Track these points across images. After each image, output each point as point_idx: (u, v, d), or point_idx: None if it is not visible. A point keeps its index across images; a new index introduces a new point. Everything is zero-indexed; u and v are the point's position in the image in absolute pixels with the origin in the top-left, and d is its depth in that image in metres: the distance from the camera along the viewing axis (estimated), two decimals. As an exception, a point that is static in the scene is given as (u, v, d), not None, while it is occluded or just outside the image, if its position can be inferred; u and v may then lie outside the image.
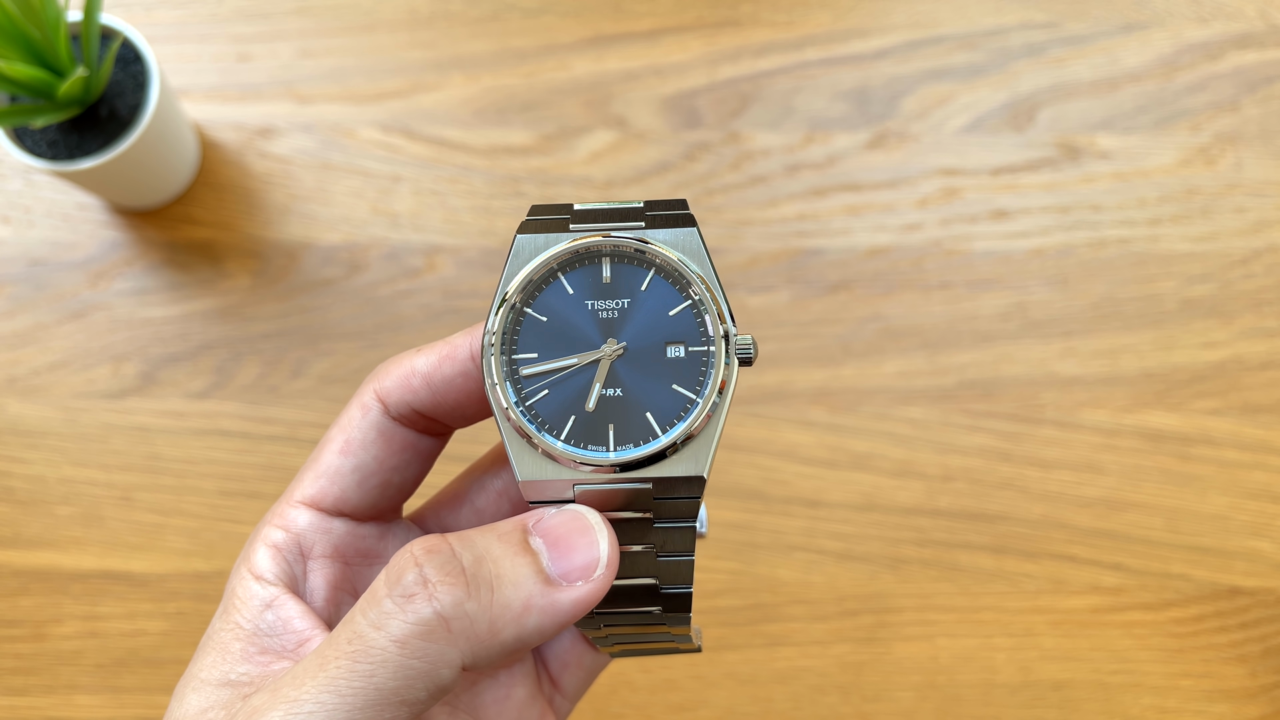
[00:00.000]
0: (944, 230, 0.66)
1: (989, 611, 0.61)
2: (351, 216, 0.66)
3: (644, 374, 0.30)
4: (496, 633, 0.27)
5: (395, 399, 0.32)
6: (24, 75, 0.55)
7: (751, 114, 0.67)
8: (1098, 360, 0.64)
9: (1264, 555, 0.62)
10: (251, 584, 0.31)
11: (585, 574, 0.28)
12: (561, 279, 0.31)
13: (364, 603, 0.27)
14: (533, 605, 0.28)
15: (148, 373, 0.64)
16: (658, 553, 0.31)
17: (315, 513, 0.32)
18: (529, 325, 0.31)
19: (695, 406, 0.30)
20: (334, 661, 0.26)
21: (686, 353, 0.31)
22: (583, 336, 0.31)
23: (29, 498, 0.62)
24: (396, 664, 0.26)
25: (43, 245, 0.65)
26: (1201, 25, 0.69)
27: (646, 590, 0.32)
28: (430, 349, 0.32)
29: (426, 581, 0.27)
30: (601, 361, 0.31)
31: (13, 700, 0.60)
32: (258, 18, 0.68)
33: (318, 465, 0.33)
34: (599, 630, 0.34)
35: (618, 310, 0.31)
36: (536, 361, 0.31)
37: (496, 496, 0.36)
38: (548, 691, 0.36)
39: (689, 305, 0.31)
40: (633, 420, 0.30)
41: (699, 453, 0.30)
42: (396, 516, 0.35)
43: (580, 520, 0.29)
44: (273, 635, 0.30)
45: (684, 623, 0.33)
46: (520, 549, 0.28)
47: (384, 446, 0.32)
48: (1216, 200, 0.66)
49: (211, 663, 0.30)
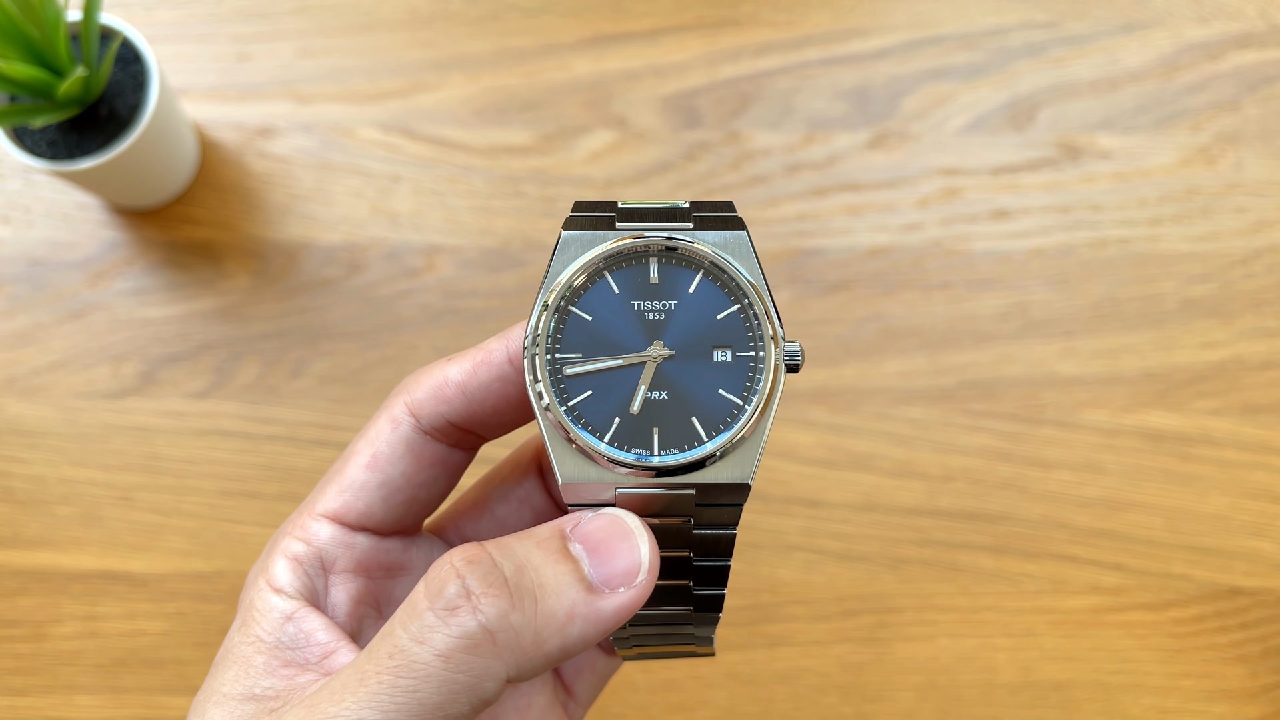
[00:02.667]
0: (944, 230, 0.66)
1: (989, 611, 0.61)
2: (351, 216, 0.66)
3: (690, 378, 0.30)
4: (541, 644, 0.26)
5: (428, 411, 0.31)
6: (24, 75, 0.55)
7: (751, 114, 0.67)
8: (1098, 360, 0.64)
9: (1264, 555, 0.62)
10: (270, 596, 0.30)
11: (627, 580, 0.28)
12: (608, 278, 0.30)
13: (404, 615, 0.26)
14: (576, 614, 0.27)
15: (147, 373, 0.64)
16: (695, 557, 0.31)
17: (338, 527, 0.32)
18: (573, 324, 0.30)
19: (743, 414, 0.30)
20: (375, 676, 0.26)
21: (734, 357, 0.30)
22: (628, 338, 0.30)
23: (29, 498, 0.62)
24: (441, 679, 0.25)
25: (42, 245, 0.65)
26: (1202, 25, 0.69)
27: (680, 590, 0.31)
28: (462, 356, 0.31)
29: (470, 594, 0.26)
30: (647, 364, 0.30)
31: (12, 700, 0.60)
32: (257, 17, 0.68)
33: (342, 478, 0.32)
34: (623, 630, 0.33)
35: (664, 312, 0.30)
36: (580, 361, 0.30)
37: (518, 505, 0.35)
38: (562, 698, 0.36)
39: (737, 309, 0.30)
40: (678, 424, 0.30)
41: (745, 459, 0.30)
42: (419, 530, 0.34)
43: (620, 524, 0.29)
44: (295, 648, 0.30)
45: (712, 623, 0.33)
46: (560, 556, 0.28)
47: (413, 462, 0.32)
48: (1217, 200, 0.66)
49: (234, 677, 0.29)
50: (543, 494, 0.35)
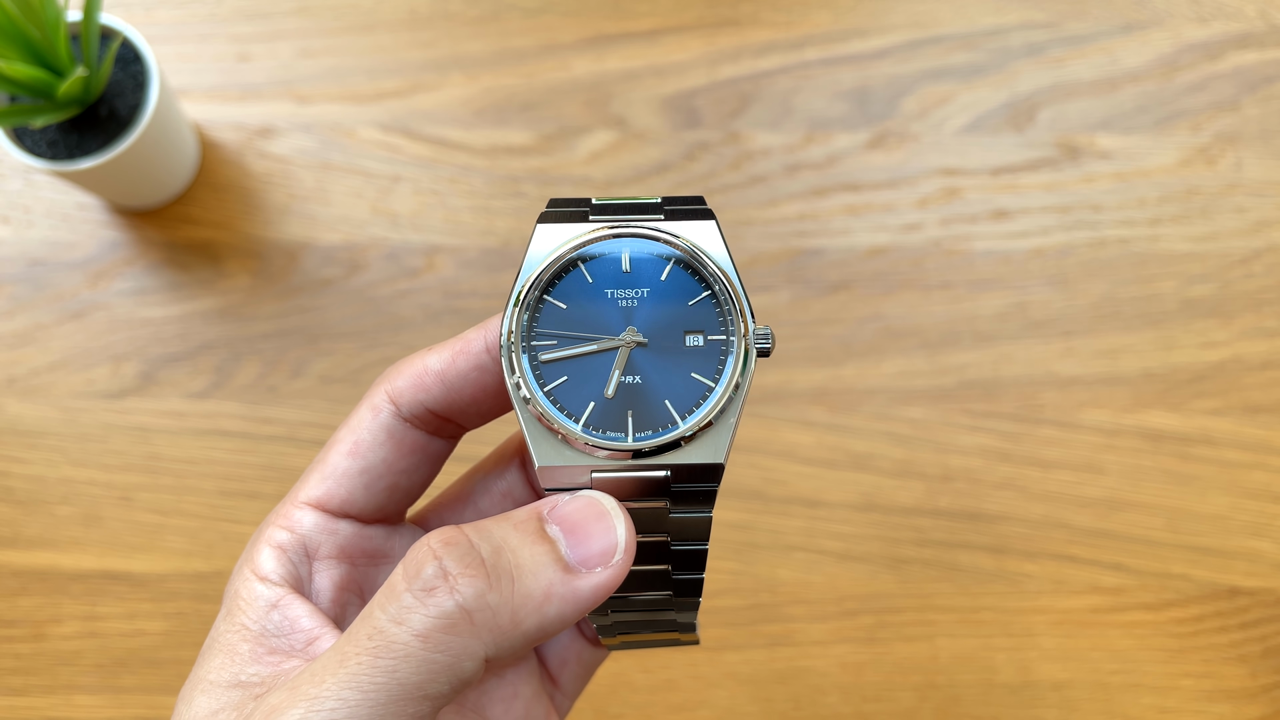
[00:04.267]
0: (944, 230, 0.66)
1: (989, 611, 0.61)
2: (351, 216, 0.66)
3: (663, 362, 0.31)
4: (519, 623, 0.27)
5: (408, 399, 0.32)
6: (24, 75, 0.55)
7: (751, 114, 0.67)
8: (1098, 360, 0.64)
9: (1264, 555, 0.62)
10: (255, 585, 0.31)
11: (604, 560, 0.28)
12: (581, 267, 0.31)
13: (382, 597, 0.27)
14: (554, 593, 0.27)
15: (147, 373, 0.64)
16: (672, 541, 0.31)
17: (321, 514, 0.32)
18: (548, 312, 0.31)
19: (713, 394, 0.30)
20: (354, 658, 0.26)
21: (705, 341, 0.31)
22: (602, 324, 0.31)
23: (29, 498, 0.62)
24: (420, 658, 0.26)
25: (42, 245, 0.65)
26: (1201, 25, 0.69)
27: (659, 575, 0.32)
28: (442, 346, 0.32)
29: (447, 574, 0.26)
30: (621, 349, 0.31)
31: (12, 700, 0.60)
32: (257, 17, 0.68)
33: (324, 466, 0.32)
34: (606, 616, 0.34)
35: (637, 299, 0.31)
36: (555, 348, 0.31)
37: (500, 498, 0.36)
38: (548, 689, 0.36)
39: (708, 295, 0.31)
40: (652, 407, 0.30)
41: (717, 441, 0.30)
42: (402, 519, 0.35)
43: (596, 505, 0.29)
44: (280, 635, 0.30)
45: (693, 608, 0.33)
46: (537, 537, 0.28)
47: (393, 449, 0.32)
48: (1216, 200, 0.66)
49: (219, 665, 0.30)
50: (525, 486, 0.36)
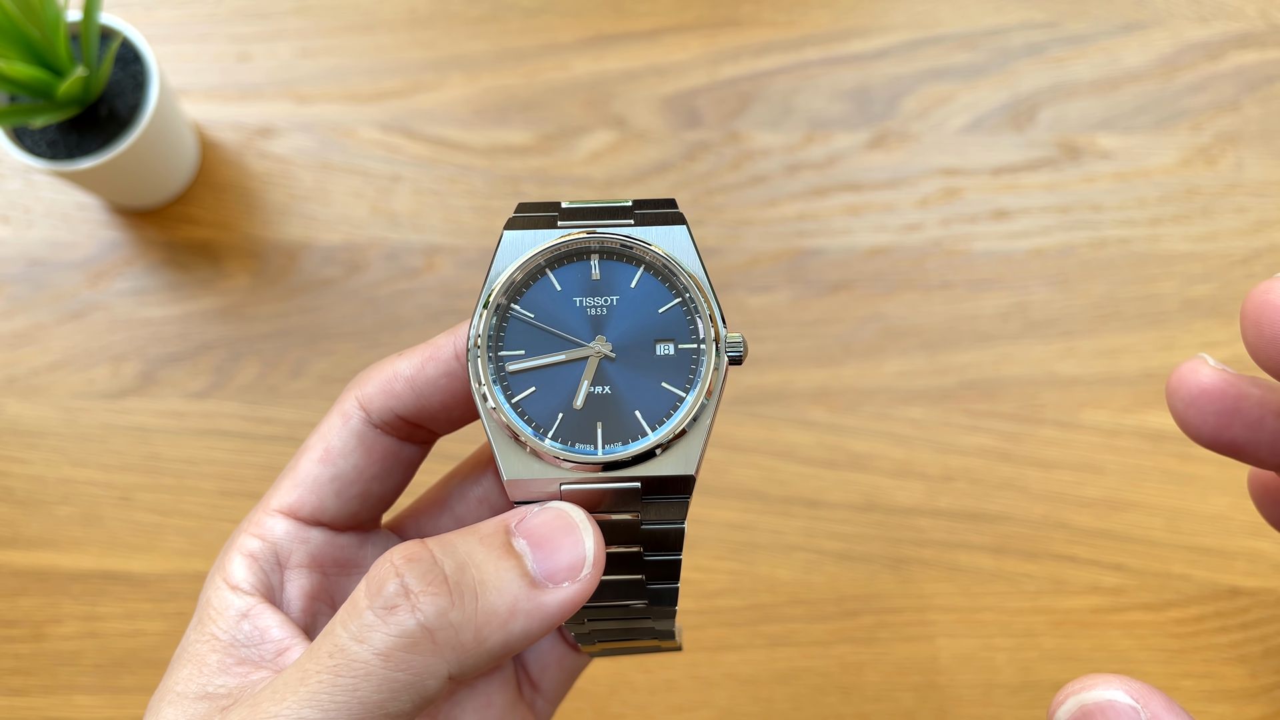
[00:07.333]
0: (944, 230, 0.66)
1: (989, 612, 0.61)
2: (351, 216, 0.66)
3: (633, 372, 0.30)
4: (482, 640, 0.26)
5: (378, 405, 0.31)
6: (24, 75, 0.55)
7: (751, 114, 0.67)
8: (1098, 360, 0.64)
9: (1264, 555, 0.62)
10: (227, 594, 0.30)
11: (571, 574, 0.28)
12: (549, 275, 0.31)
13: (344, 614, 0.26)
14: (519, 610, 0.27)
15: (147, 373, 0.64)
16: (645, 553, 0.31)
17: (292, 521, 0.32)
18: (516, 322, 0.30)
19: (684, 404, 0.30)
20: (315, 676, 0.26)
21: (676, 350, 0.30)
22: (571, 334, 0.30)
23: (28, 498, 0.62)
24: (381, 677, 0.25)
25: (42, 245, 0.65)
26: (1202, 25, 0.69)
27: (633, 585, 0.31)
28: (412, 352, 0.31)
29: (409, 592, 0.26)
30: (590, 359, 0.30)
31: (12, 700, 0.60)
32: (257, 17, 0.68)
33: (295, 473, 0.32)
34: (583, 625, 0.33)
35: (607, 307, 0.30)
36: (523, 358, 0.30)
37: (477, 504, 0.35)
38: (528, 695, 0.36)
39: (679, 303, 0.31)
40: (621, 418, 0.30)
41: (688, 451, 0.30)
42: (376, 526, 0.34)
43: (564, 518, 0.28)
44: (250, 646, 0.30)
45: (669, 616, 0.33)
46: (504, 551, 0.28)
47: (364, 455, 0.32)
48: (1217, 200, 0.66)
49: (188, 675, 0.29)
50: (501, 492, 0.35)
